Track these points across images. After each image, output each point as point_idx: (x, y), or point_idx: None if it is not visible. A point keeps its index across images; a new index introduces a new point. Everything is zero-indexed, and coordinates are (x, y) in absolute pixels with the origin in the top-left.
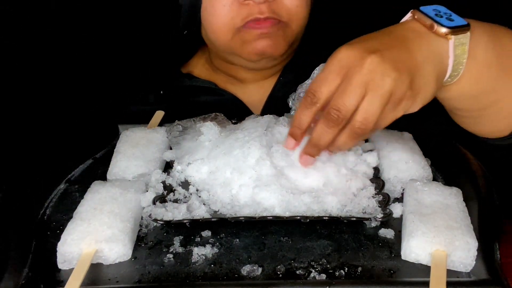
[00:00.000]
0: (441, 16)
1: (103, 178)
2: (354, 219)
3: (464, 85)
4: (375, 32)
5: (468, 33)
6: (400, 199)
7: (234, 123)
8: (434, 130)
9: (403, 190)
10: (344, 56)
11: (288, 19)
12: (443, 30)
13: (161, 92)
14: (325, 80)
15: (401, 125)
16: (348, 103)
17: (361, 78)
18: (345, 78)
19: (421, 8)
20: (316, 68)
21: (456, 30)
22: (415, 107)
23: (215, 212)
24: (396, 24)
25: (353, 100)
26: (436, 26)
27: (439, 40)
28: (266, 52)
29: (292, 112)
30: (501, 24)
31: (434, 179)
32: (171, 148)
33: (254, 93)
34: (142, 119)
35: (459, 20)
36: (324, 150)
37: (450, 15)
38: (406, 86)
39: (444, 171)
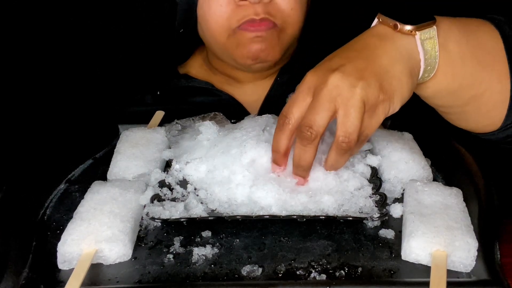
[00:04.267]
0: None
1: (103, 178)
2: (351, 218)
3: (441, 80)
4: (339, 48)
5: (434, 27)
6: (400, 199)
7: (233, 123)
8: (434, 130)
9: (403, 190)
10: (310, 79)
11: (283, 21)
12: (407, 27)
13: (158, 93)
14: (295, 101)
15: (401, 125)
16: (318, 118)
17: (328, 93)
18: (314, 98)
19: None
20: None
21: (420, 26)
22: (395, 108)
23: (212, 210)
24: (363, 32)
25: (323, 115)
26: (399, 25)
27: (406, 38)
28: (260, 56)
29: None
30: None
31: (434, 179)
32: (170, 147)
33: (251, 93)
34: (142, 120)
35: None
36: (308, 169)
37: None
38: (377, 91)
39: (444, 171)
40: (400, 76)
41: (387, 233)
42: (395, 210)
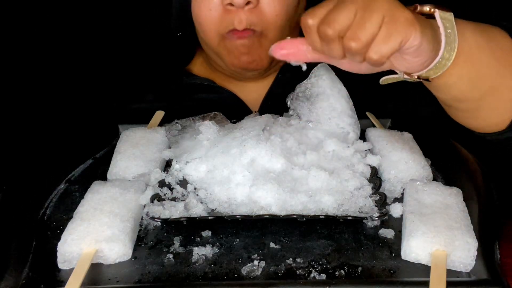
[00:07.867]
0: None
1: (103, 178)
2: (350, 218)
3: (462, 66)
4: None
5: (451, 13)
6: (400, 199)
7: (233, 123)
8: (434, 130)
9: (403, 190)
10: None
11: (264, 28)
12: (426, 7)
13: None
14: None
15: (401, 125)
16: (340, 21)
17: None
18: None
19: None
20: (315, 68)
21: (438, 5)
22: (414, 37)
23: (212, 210)
24: None
25: (345, 19)
26: (419, 7)
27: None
28: (249, 67)
29: (290, 112)
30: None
31: (434, 179)
32: (170, 147)
33: (252, 90)
34: (142, 119)
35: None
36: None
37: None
38: (400, 11)
39: (444, 171)
40: (424, 28)
41: (387, 233)
42: (395, 210)
